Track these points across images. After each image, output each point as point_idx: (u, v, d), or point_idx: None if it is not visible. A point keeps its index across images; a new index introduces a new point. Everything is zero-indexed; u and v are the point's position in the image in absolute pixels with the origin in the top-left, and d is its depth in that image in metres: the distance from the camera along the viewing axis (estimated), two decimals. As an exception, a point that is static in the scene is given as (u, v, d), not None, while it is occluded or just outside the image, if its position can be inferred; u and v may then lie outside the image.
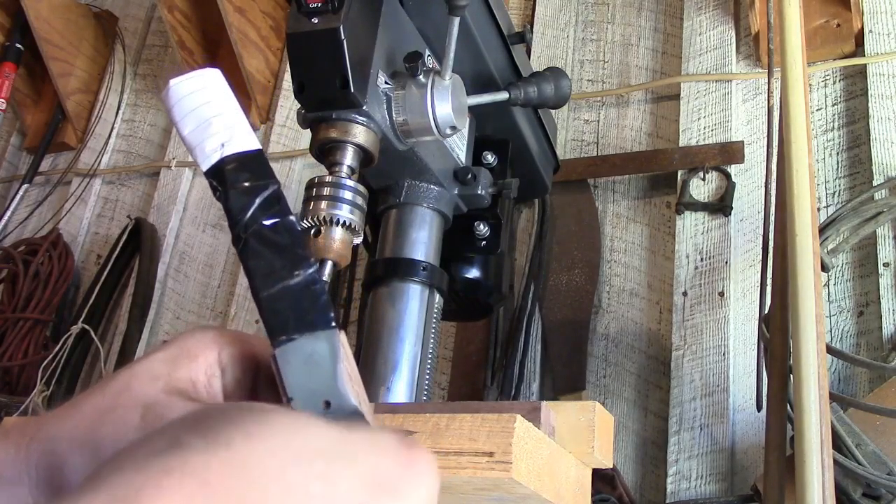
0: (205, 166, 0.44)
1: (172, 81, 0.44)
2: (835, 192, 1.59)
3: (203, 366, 0.46)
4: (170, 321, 2.11)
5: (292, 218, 0.44)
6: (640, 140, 1.81)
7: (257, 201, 0.43)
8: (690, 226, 1.62)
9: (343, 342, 0.44)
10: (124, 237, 2.19)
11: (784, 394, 1.06)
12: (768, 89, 1.41)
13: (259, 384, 0.47)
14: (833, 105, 1.66)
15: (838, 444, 1.11)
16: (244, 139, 0.44)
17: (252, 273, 0.43)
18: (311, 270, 0.43)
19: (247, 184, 0.44)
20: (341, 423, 0.38)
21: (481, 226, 1.20)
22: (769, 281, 1.19)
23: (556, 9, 2.00)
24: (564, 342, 1.65)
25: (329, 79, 0.93)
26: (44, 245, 2.22)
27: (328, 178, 0.94)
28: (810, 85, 1.66)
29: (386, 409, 0.79)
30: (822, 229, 1.38)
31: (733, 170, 1.64)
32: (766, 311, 1.20)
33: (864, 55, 1.63)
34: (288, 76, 2.04)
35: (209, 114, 0.43)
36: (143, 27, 2.65)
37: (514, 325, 1.65)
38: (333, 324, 0.43)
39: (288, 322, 0.42)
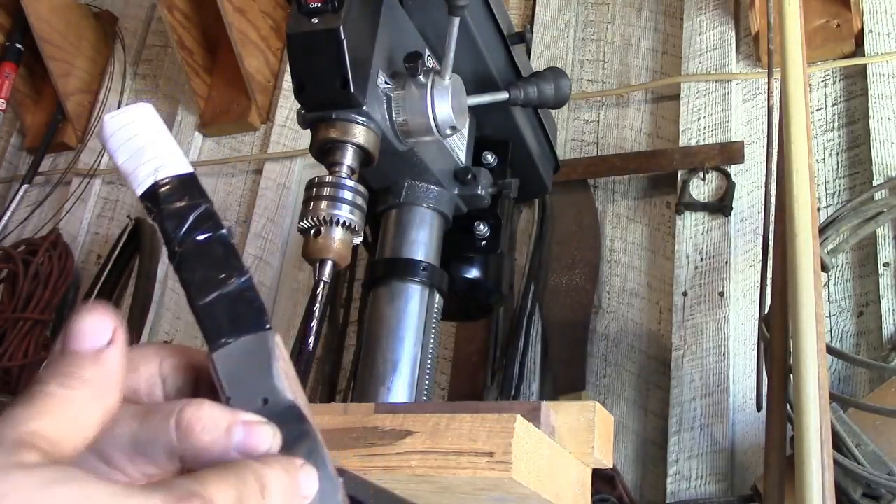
0: (139, 190, 0.46)
1: (106, 116, 0.47)
2: (835, 192, 1.59)
3: (144, 376, 0.48)
4: (170, 321, 2.12)
5: (224, 232, 0.46)
6: (640, 140, 1.81)
7: (190, 218, 0.46)
8: (690, 226, 1.62)
9: (278, 342, 0.46)
10: (124, 237, 2.19)
11: (784, 394, 1.06)
12: (768, 89, 1.41)
13: (200, 392, 0.49)
14: (833, 105, 1.66)
15: (838, 444, 1.11)
16: (177, 164, 0.46)
17: (187, 284, 0.45)
18: (244, 278, 0.46)
19: (180, 203, 0.46)
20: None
21: (481, 226, 1.20)
22: (769, 281, 1.19)
23: (556, 9, 2.00)
24: (564, 342, 1.65)
25: (329, 79, 0.93)
26: (44, 245, 2.22)
27: (328, 178, 0.94)
28: (810, 85, 1.66)
29: (386, 409, 0.79)
30: (822, 229, 1.38)
31: (733, 170, 1.64)
32: (766, 311, 1.20)
33: (864, 55, 1.63)
34: (288, 76, 2.04)
35: (142, 143, 0.46)
36: (143, 27, 2.65)
37: (514, 325, 1.65)
38: (268, 325, 0.46)
39: (223, 327, 0.45)
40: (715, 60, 1.75)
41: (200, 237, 0.46)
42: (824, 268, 1.39)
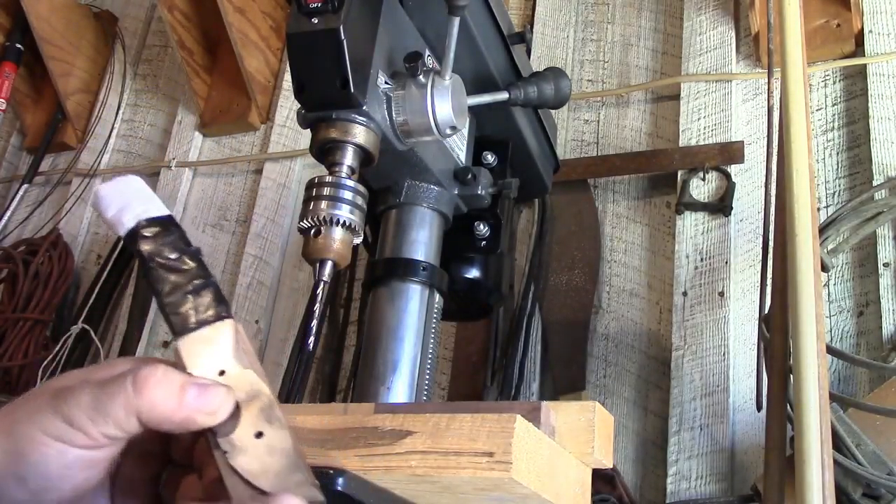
0: (123, 231, 0.54)
1: (100, 184, 0.57)
2: (835, 192, 1.59)
3: (118, 370, 0.52)
4: (170, 321, 2.11)
5: (193, 249, 0.54)
6: (640, 140, 1.81)
7: (163, 242, 0.54)
8: (690, 226, 1.62)
9: (237, 329, 0.53)
10: (124, 237, 2.19)
11: (784, 394, 1.06)
12: (768, 89, 1.41)
13: None
14: (833, 105, 1.66)
15: (838, 444, 1.11)
16: (157, 211, 0.55)
17: (157, 290, 0.53)
18: (208, 280, 0.53)
19: (156, 234, 0.54)
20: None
21: (481, 226, 1.20)
22: (769, 281, 1.19)
23: (556, 9, 2.00)
24: (564, 342, 1.65)
25: (329, 79, 0.93)
26: (44, 245, 2.22)
27: (328, 178, 0.94)
28: (810, 85, 1.66)
29: (386, 409, 0.79)
30: (822, 229, 1.38)
31: (733, 170, 1.64)
32: (766, 311, 1.20)
33: (864, 55, 1.63)
34: (288, 76, 2.04)
35: (129, 198, 0.54)
36: (143, 27, 2.65)
37: (514, 325, 1.65)
38: (224, 315, 0.53)
39: (188, 320, 0.52)
40: (715, 60, 1.75)
41: (172, 255, 0.54)
42: (824, 268, 1.39)
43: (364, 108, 0.94)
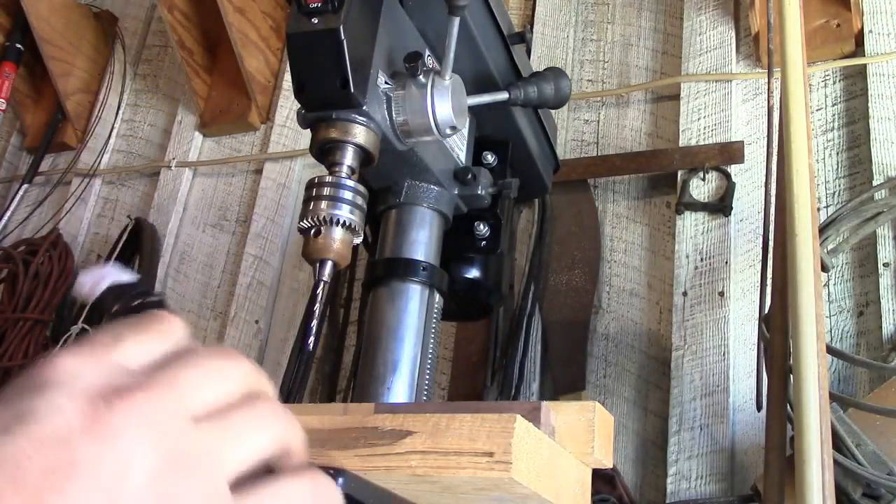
0: (97, 294, 0.60)
1: (82, 272, 0.62)
2: (835, 192, 1.59)
3: None
4: (170, 321, 2.11)
5: (154, 298, 0.61)
6: (640, 140, 1.81)
7: (127, 294, 0.60)
8: (690, 226, 1.62)
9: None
10: (124, 237, 2.19)
11: (784, 394, 1.05)
12: (768, 89, 1.41)
13: None
14: (833, 105, 1.66)
15: (838, 444, 1.12)
16: (126, 277, 0.62)
17: None
18: None
19: (123, 292, 0.61)
20: None
21: (481, 226, 1.20)
22: (769, 281, 1.19)
23: (556, 9, 2.00)
24: (564, 342, 1.65)
25: (329, 79, 0.93)
26: (44, 245, 2.22)
27: (328, 178, 0.94)
28: (810, 85, 1.66)
29: (386, 409, 0.79)
30: (822, 229, 1.38)
31: (733, 170, 1.64)
32: (766, 311, 1.20)
33: (864, 55, 1.63)
34: (288, 76, 2.04)
35: (103, 275, 0.61)
36: (143, 27, 2.65)
37: (514, 325, 1.65)
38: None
39: None
40: (715, 60, 1.75)
41: (133, 303, 0.60)
42: (824, 268, 1.39)
43: (364, 108, 0.94)
